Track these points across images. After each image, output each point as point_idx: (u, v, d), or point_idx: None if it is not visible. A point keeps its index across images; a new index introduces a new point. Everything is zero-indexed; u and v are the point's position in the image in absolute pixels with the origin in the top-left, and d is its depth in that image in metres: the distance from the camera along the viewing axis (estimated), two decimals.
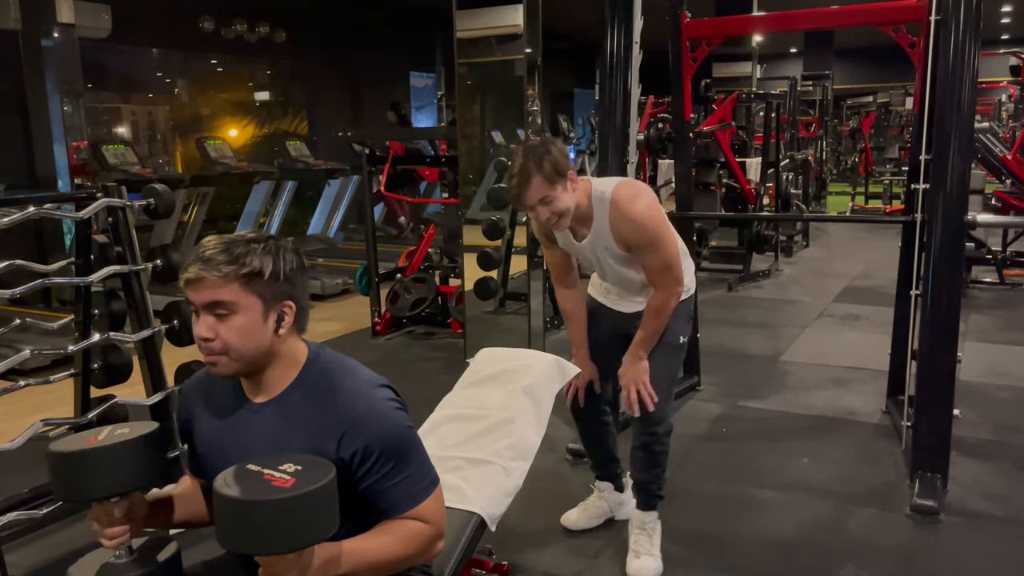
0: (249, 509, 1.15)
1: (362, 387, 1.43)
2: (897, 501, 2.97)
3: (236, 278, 1.33)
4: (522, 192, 2.22)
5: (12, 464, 2.61)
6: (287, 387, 1.44)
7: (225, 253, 1.34)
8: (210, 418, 1.50)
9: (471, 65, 4.61)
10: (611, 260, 2.44)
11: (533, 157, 2.20)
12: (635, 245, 2.34)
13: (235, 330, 1.35)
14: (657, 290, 2.40)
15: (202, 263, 1.33)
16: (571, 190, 2.26)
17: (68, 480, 1.31)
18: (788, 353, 4.99)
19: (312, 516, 1.18)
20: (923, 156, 3.10)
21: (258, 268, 1.35)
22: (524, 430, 2.03)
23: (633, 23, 3.34)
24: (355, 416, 1.37)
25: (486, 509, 1.86)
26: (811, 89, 12.10)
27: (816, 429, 3.76)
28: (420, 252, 5.69)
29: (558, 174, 2.21)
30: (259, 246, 1.37)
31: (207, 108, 11.24)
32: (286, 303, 1.40)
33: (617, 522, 2.83)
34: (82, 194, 2.79)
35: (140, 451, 1.33)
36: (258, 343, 1.38)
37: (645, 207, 2.30)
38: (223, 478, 1.20)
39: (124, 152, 6.56)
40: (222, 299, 1.34)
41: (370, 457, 1.37)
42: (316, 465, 1.24)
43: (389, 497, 1.39)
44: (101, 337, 2.74)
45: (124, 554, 1.33)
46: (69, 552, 2.69)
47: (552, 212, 2.24)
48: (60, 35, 6.13)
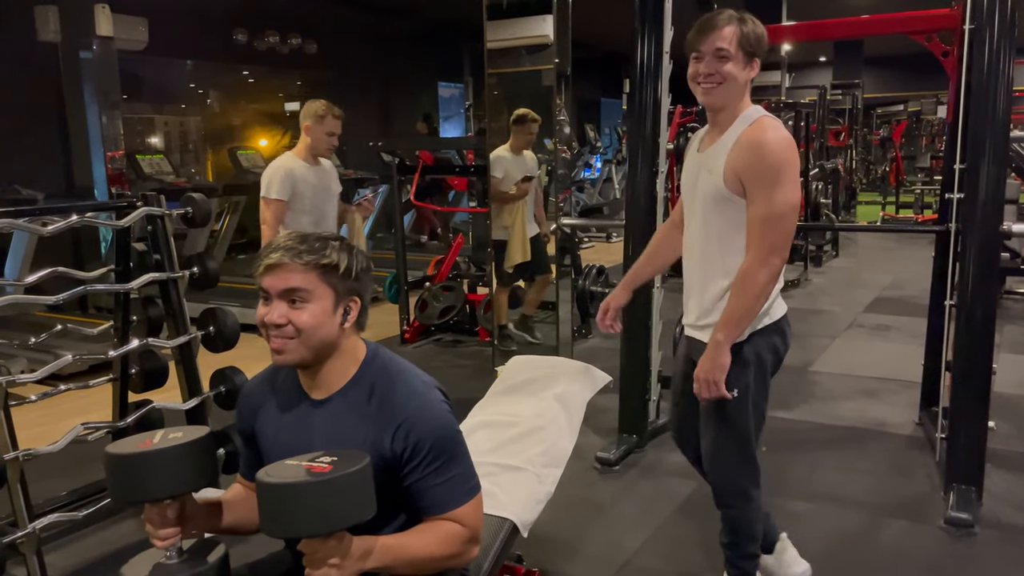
0: (288, 491, 1.21)
1: (419, 387, 1.49)
2: (930, 513, 2.94)
3: (315, 267, 1.41)
4: (705, 32, 1.95)
5: (52, 467, 2.67)
6: (347, 383, 1.50)
7: (306, 244, 1.43)
8: (272, 418, 1.56)
9: (500, 75, 4.64)
10: (702, 195, 2.06)
11: (738, 13, 1.97)
12: (747, 175, 1.94)
13: (307, 317, 1.41)
14: (750, 251, 1.96)
15: (284, 251, 1.41)
16: (749, 73, 2.00)
17: (124, 481, 1.35)
18: (818, 364, 4.95)
19: (348, 498, 1.24)
20: (957, 165, 3.08)
21: (335, 262, 1.43)
22: (556, 437, 2.04)
23: (663, 33, 3.36)
24: (410, 412, 1.43)
25: (519, 515, 1.88)
26: (840, 98, 12.02)
27: (846, 440, 3.73)
28: (448, 261, 5.73)
29: (753, 44, 1.97)
30: (335, 243, 1.46)
31: (238, 119, 11.40)
32: (353, 299, 1.48)
33: (646, 529, 2.82)
34: (122, 203, 2.85)
35: (193, 455, 1.37)
36: (326, 333, 1.44)
37: (779, 137, 1.95)
38: (264, 471, 1.26)
39: (159, 162, 6.69)
40: (300, 286, 1.41)
41: (419, 453, 1.42)
42: (352, 456, 1.29)
43: (432, 495, 1.44)
44: (139, 343, 2.79)
45: (175, 555, 1.36)
46: (107, 554, 2.74)
47: (719, 72, 1.95)
48: (98, 47, 6.27)
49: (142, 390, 3.00)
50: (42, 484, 2.97)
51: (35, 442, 2.37)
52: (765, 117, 2.01)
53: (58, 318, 4.89)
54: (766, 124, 1.98)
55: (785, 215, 1.94)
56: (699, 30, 1.98)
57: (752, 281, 1.94)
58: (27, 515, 2.26)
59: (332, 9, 10.03)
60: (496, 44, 4.47)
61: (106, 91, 6.45)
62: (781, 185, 1.92)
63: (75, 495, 2.90)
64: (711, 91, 1.99)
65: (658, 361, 3.67)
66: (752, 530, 2.23)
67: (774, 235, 1.94)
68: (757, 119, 2.00)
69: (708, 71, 1.97)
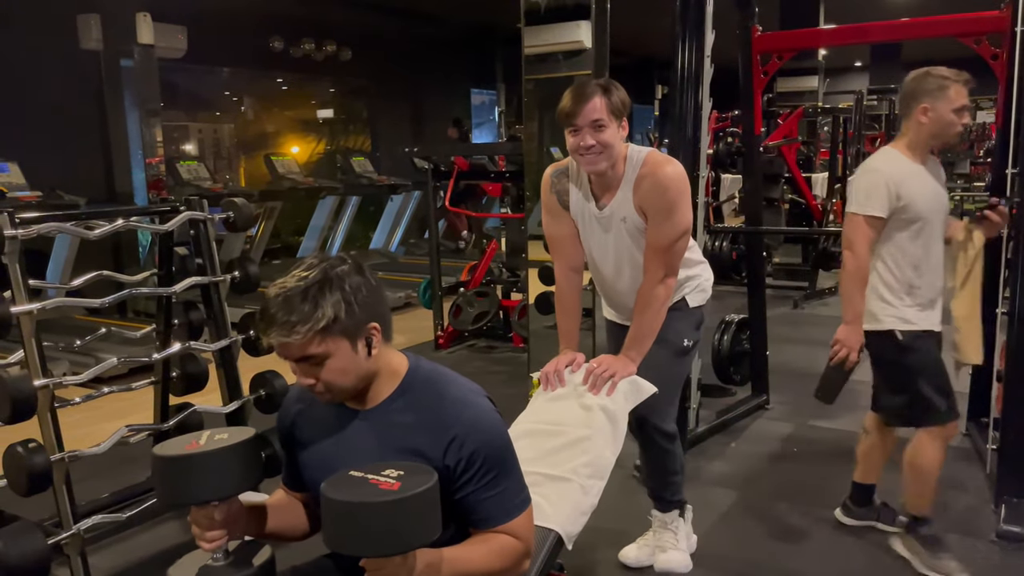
0: (359, 511, 1.18)
1: (469, 396, 1.46)
2: (981, 527, 2.86)
3: (315, 334, 1.35)
4: (578, 107, 2.10)
5: (96, 468, 2.70)
6: (390, 395, 1.47)
7: (295, 312, 1.34)
8: (313, 425, 1.54)
9: (537, 81, 4.63)
10: (627, 236, 2.28)
11: (600, 81, 2.14)
12: (650, 209, 2.20)
13: (332, 372, 1.39)
14: (648, 274, 2.24)
15: (277, 329, 1.34)
16: (622, 135, 2.17)
17: (172, 483, 1.35)
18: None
19: (418, 519, 1.21)
20: (1009, 170, 3.00)
21: (332, 316, 1.35)
22: (601, 448, 2.00)
23: (705, 38, 3.32)
24: (463, 423, 1.40)
25: (564, 527, 1.84)
26: (877, 103, 11.84)
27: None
28: (482, 266, 5.73)
29: (620, 109, 2.13)
30: (322, 291, 1.35)
31: (272, 125, 11.52)
32: (370, 326, 1.42)
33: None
34: (165, 207, 2.87)
35: (240, 457, 1.37)
36: (356, 374, 1.42)
37: (674, 171, 2.19)
38: (329, 484, 1.23)
39: (197, 168, 6.77)
40: (310, 353, 1.37)
41: (473, 465, 1.39)
42: (418, 470, 1.26)
43: (485, 508, 1.41)
44: (181, 346, 2.81)
45: (221, 557, 1.35)
46: (150, 555, 2.76)
47: (599, 142, 2.12)
48: (139, 55, 6.36)
49: (183, 393, 3.02)
50: (85, 485, 3.00)
51: (78, 444, 2.38)
52: (650, 153, 2.23)
53: (99, 322, 4.95)
54: (655, 158, 2.21)
55: (678, 246, 2.22)
56: (572, 104, 2.11)
57: (656, 303, 2.24)
58: (71, 516, 2.27)
59: (366, 17, 10.11)
60: (533, 50, 4.46)
61: (146, 98, 6.55)
62: (679, 215, 2.19)
63: (118, 496, 2.92)
64: (596, 160, 2.16)
65: (698, 369, 3.62)
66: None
67: (669, 259, 2.23)
68: (642, 157, 2.21)
69: (588, 143, 2.12)
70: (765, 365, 4.21)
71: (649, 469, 2.55)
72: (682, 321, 2.39)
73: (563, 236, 2.40)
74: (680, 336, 2.40)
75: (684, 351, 2.44)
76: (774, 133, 7.37)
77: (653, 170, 2.19)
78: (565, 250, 2.42)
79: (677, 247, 2.23)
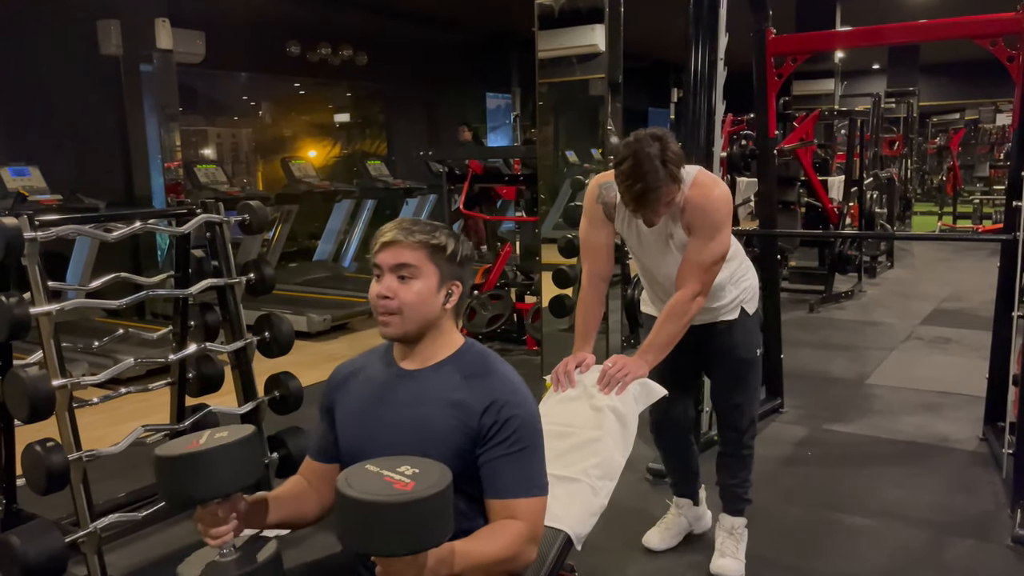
0: (373, 510, 1.19)
1: (516, 378, 1.57)
2: (997, 532, 2.84)
3: (425, 247, 1.51)
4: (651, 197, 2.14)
5: (113, 468, 2.73)
6: (442, 360, 1.57)
7: (418, 226, 1.54)
8: (362, 384, 1.63)
9: (551, 84, 4.64)
10: (675, 251, 2.36)
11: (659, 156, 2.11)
12: (696, 229, 2.27)
13: (413, 293, 1.51)
14: (684, 287, 2.27)
15: (399, 229, 1.52)
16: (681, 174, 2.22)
17: (175, 483, 1.36)
18: (874, 376, 4.83)
19: (432, 520, 1.21)
20: None
21: (443, 244, 1.53)
22: (611, 449, 2.01)
23: (718, 40, 3.32)
24: (507, 392, 1.51)
25: (574, 528, 1.85)
26: (894, 106, 11.76)
27: (906, 455, 3.63)
28: (496, 269, 5.73)
29: (678, 171, 2.17)
30: (445, 229, 1.57)
31: (288, 130, 11.59)
32: (456, 282, 1.56)
33: (699, 542, 2.79)
34: (182, 210, 2.90)
35: (241, 454, 1.38)
36: (428, 310, 1.53)
37: (722, 194, 2.29)
38: (344, 478, 1.24)
39: (214, 172, 6.83)
40: (410, 262, 1.50)
41: (506, 429, 1.47)
42: (432, 468, 1.27)
43: (505, 477, 1.48)
44: (197, 348, 2.84)
45: (229, 552, 1.37)
46: (166, 554, 2.79)
47: (666, 208, 2.23)
48: (158, 60, 6.43)
49: (198, 394, 3.05)
50: (102, 485, 3.04)
51: (96, 443, 2.42)
52: (699, 172, 2.30)
53: (117, 323, 5.00)
54: (703, 180, 2.28)
55: (715, 266, 2.29)
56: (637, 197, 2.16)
57: (686, 316, 2.27)
58: (88, 515, 2.30)
59: (382, 21, 10.17)
60: (547, 53, 4.47)
61: (165, 103, 6.63)
62: (720, 237, 2.26)
63: (134, 496, 2.95)
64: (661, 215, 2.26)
65: None
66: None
67: (705, 278, 2.28)
68: (693, 178, 2.28)
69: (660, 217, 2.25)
70: (780, 368, 4.20)
71: (730, 468, 2.66)
72: (749, 333, 2.55)
73: (599, 245, 2.44)
74: (752, 349, 2.57)
75: (759, 360, 2.62)
76: (790, 136, 7.34)
77: (703, 192, 2.27)
78: (598, 259, 2.45)
79: (715, 269, 2.30)
